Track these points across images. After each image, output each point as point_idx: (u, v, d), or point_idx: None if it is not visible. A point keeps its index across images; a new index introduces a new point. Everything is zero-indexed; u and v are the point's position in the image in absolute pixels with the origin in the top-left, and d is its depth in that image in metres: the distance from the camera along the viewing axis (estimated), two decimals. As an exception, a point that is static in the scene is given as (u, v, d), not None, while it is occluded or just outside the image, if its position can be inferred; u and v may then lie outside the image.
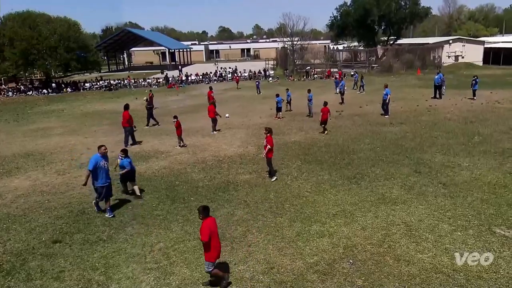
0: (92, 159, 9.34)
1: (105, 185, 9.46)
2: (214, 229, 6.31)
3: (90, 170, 9.25)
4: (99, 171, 9.32)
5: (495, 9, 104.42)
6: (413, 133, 16.24)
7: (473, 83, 23.80)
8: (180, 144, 15.88)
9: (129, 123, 16.48)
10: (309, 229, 8.38)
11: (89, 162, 9.37)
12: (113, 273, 7.15)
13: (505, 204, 9.04)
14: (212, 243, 6.28)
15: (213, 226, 6.33)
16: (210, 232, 6.17)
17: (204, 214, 6.33)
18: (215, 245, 6.35)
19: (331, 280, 6.58)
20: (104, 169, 9.41)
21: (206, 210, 6.37)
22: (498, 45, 53.16)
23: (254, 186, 11.13)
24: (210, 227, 6.20)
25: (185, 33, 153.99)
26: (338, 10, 56.06)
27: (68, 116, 26.46)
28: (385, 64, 46.43)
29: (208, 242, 6.20)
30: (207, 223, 6.24)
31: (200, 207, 6.46)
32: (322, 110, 16.87)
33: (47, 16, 47.06)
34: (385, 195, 9.95)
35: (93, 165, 9.23)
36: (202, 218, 6.35)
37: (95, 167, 9.24)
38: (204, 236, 6.15)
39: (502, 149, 13.36)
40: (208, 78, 46.46)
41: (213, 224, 6.34)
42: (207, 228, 6.16)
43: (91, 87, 44.00)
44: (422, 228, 8.16)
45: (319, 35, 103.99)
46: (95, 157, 9.40)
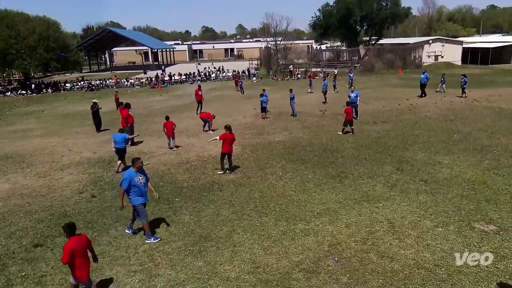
0: (125, 176, 8.06)
1: (145, 202, 8.32)
2: (79, 248, 5.86)
3: (125, 189, 8.05)
4: (135, 189, 8.07)
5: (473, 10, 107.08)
6: (395, 131, 16.51)
7: (462, 82, 24.60)
8: (170, 145, 15.60)
9: (127, 123, 16.21)
10: (294, 228, 8.43)
11: (122, 180, 8.15)
12: (97, 276, 7.03)
13: (484, 200, 9.27)
14: (78, 262, 5.84)
15: (78, 245, 5.87)
16: (73, 252, 5.73)
17: (68, 232, 5.93)
18: (80, 263, 5.89)
19: (316, 278, 6.62)
20: (142, 185, 8.20)
21: (70, 228, 5.96)
22: (476, 45, 54.57)
23: (239, 186, 11.12)
24: (73, 247, 5.76)
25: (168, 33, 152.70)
26: (321, 10, 56.52)
27: (49, 117, 25.90)
28: (367, 64, 47.05)
29: (69, 262, 5.77)
30: (70, 243, 5.81)
31: (65, 225, 6.05)
32: (346, 111, 16.30)
33: (25, 15, 46.03)
34: (368, 193, 10.08)
35: (127, 183, 7.97)
36: (66, 237, 5.95)
37: (130, 185, 8.00)
38: (64, 257, 5.73)
39: (481, 146, 13.70)
40: (192, 78, 46.16)
41: (77, 243, 5.88)
42: (69, 248, 5.73)
43: (72, 87, 43.09)
44: (405, 224, 8.30)
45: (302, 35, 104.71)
46: (129, 173, 8.11)
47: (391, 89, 30.48)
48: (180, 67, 61.39)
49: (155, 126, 20.12)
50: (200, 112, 20.71)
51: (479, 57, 51.12)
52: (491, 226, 8.04)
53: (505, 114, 18.83)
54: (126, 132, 16.00)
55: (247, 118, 21.21)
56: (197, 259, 7.41)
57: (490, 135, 15.15)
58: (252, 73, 47.03)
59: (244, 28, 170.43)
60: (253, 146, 15.44)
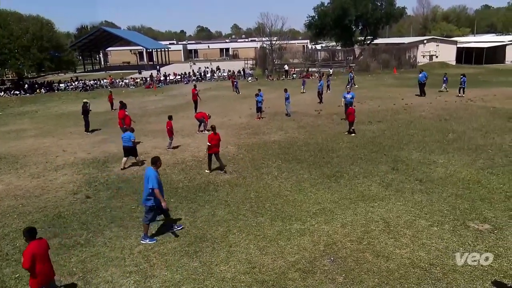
0: (152, 175, 7.91)
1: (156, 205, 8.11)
2: (40, 252, 5.74)
3: (158, 188, 7.90)
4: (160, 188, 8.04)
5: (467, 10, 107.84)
6: (390, 131, 16.57)
7: (462, 81, 24.83)
8: (169, 145, 15.42)
9: (123, 123, 16.12)
10: (290, 227, 8.43)
11: (150, 180, 7.89)
12: (92, 277, 7.01)
13: (479, 199, 9.33)
14: (38, 268, 5.70)
15: (39, 249, 5.75)
16: (33, 256, 5.63)
17: (28, 237, 5.82)
18: (41, 270, 5.75)
19: (312, 278, 6.63)
20: (161, 185, 8.18)
21: (30, 233, 5.84)
22: (470, 45, 54.90)
23: (235, 186, 11.11)
24: (33, 251, 5.65)
25: (163, 33, 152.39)
26: (316, 10, 56.59)
27: (42, 117, 25.73)
28: (362, 64, 47.17)
29: (30, 268, 5.64)
30: (31, 247, 5.69)
31: (25, 229, 5.95)
32: (349, 111, 16.38)
33: (18, 15, 45.70)
34: (364, 193, 10.11)
35: (157, 181, 7.87)
36: (26, 241, 5.85)
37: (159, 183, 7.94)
38: (25, 263, 5.61)
39: (475, 145, 13.79)
40: (187, 78, 46.06)
41: (38, 247, 5.76)
42: (29, 253, 5.62)
43: (66, 87, 42.83)
44: (400, 224, 8.33)
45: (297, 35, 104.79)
46: (152, 171, 7.98)
47: (386, 88, 30.58)
48: (175, 67, 61.24)
49: (150, 126, 20.07)
50: (196, 112, 20.78)
51: (473, 57, 51.45)
52: (485, 225, 8.10)
53: (499, 114, 18.97)
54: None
55: (243, 118, 21.19)
56: (193, 260, 7.40)
57: (484, 134, 15.25)
58: (247, 73, 47.02)
59: (239, 28, 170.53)
60: (248, 146, 15.43)
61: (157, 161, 8.24)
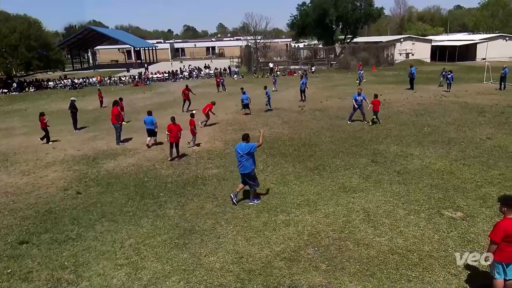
0: (248, 144, 9.04)
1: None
2: None
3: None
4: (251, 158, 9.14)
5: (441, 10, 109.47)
6: (369, 126, 16.75)
7: (448, 77, 25.33)
8: (193, 142, 14.92)
9: (117, 119, 15.83)
10: (276, 219, 8.48)
11: (251, 147, 8.99)
12: (83, 271, 6.92)
13: (452, 189, 9.54)
14: None
15: None
16: None
17: None
18: None
19: (297, 266, 6.70)
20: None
21: None
22: (444, 44, 55.82)
23: (222, 180, 11.09)
24: None
25: (150, 32, 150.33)
26: (298, 10, 56.65)
27: (32, 115, 25.05)
28: (343, 62, 47.50)
29: None
30: None
31: None
32: (373, 102, 16.91)
33: (5, 14, 44.51)
34: (345, 184, 10.22)
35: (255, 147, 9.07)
36: None
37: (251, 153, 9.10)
38: None
39: (449, 138, 14.07)
40: (175, 76, 45.57)
41: None
42: None
43: (55, 86, 41.89)
44: (379, 213, 8.46)
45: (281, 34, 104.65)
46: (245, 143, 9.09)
47: (365, 85, 30.84)
48: (162, 65, 60.53)
49: (139, 123, 19.79)
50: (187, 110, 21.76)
51: (446, 55, 52.32)
52: (458, 213, 8.30)
53: (470, 108, 19.38)
54: (117, 128, 15.78)
55: (229, 115, 21.12)
56: (182, 252, 7.37)
57: (457, 128, 15.58)
58: (233, 70, 46.80)
59: (225, 27, 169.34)
60: (235, 141, 15.37)
61: (247, 136, 9.27)
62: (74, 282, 6.62)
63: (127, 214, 9.12)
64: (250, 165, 9.09)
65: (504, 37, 53.86)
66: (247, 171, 9.09)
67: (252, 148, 9.02)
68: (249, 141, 9.17)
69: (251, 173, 9.13)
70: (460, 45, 52.20)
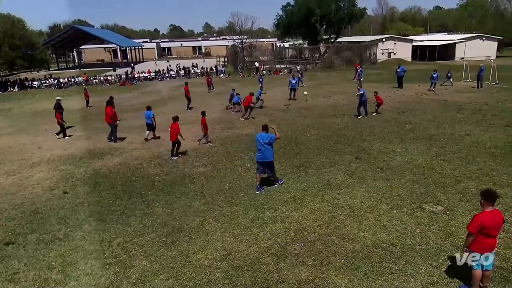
0: (268, 135, 9.62)
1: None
2: None
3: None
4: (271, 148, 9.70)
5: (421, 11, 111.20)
6: (353, 123, 16.93)
7: (434, 76, 25.66)
8: (206, 139, 14.75)
9: (112, 119, 15.58)
10: (263, 215, 8.49)
11: (270, 137, 9.58)
12: (71, 270, 6.81)
13: (433, 184, 9.73)
14: None
15: None
16: None
17: None
18: None
19: (284, 261, 6.73)
20: None
21: None
22: (424, 43, 56.78)
23: (210, 178, 11.05)
24: None
25: (136, 31, 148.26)
26: (283, 9, 56.73)
27: (17, 115, 24.55)
28: (327, 61, 47.83)
29: None
30: None
31: None
32: (378, 98, 18.42)
33: (-12, 13, 43.18)
34: (330, 181, 10.31)
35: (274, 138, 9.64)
36: None
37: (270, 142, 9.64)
38: None
39: (429, 135, 14.32)
40: (162, 75, 45.12)
41: None
42: None
43: (40, 85, 40.97)
44: (364, 208, 8.57)
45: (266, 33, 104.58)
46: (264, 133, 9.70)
47: (349, 84, 31.15)
48: (149, 65, 59.84)
49: (126, 123, 19.59)
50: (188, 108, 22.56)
51: (427, 54, 53.24)
52: (439, 207, 8.46)
53: (449, 106, 19.77)
54: (112, 127, 15.56)
55: (216, 113, 21.05)
56: (171, 249, 7.32)
57: (437, 125, 15.87)
58: (219, 70, 46.62)
59: (211, 27, 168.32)
60: (222, 139, 15.37)
61: (268, 127, 9.92)
62: (61, 282, 6.51)
63: (115, 213, 9.00)
64: (270, 154, 9.67)
65: (481, 37, 55.12)
66: (268, 159, 9.69)
67: (272, 138, 9.57)
68: (267, 131, 9.75)
69: (271, 161, 9.81)
70: (439, 45, 53.16)
